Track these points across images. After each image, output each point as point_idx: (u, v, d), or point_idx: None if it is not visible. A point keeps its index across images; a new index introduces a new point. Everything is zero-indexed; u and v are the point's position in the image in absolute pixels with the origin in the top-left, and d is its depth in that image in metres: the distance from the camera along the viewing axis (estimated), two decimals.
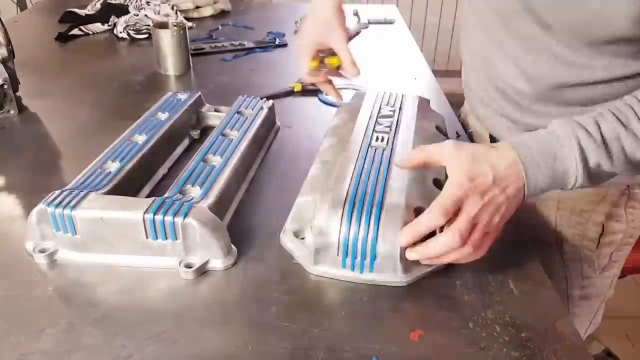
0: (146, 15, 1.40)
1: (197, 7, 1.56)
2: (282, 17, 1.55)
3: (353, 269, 0.58)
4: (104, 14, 1.46)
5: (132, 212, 0.58)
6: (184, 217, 0.57)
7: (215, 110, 0.90)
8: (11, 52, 0.95)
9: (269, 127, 0.88)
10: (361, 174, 0.63)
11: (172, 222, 0.57)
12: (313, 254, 0.58)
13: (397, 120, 0.76)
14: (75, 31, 1.40)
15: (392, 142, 0.70)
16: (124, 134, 0.75)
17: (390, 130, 0.73)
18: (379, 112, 0.78)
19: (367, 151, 0.68)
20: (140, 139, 0.74)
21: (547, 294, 0.58)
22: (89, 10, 1.50)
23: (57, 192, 0.61)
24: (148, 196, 0.71)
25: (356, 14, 1.57)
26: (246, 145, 0.75)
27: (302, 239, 0.63)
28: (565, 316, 0.55)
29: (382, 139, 0.70)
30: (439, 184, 0.63)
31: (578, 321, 0.87)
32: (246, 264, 0.61)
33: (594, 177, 0.56)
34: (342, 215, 0.57)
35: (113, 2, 1.50)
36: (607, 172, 0.57)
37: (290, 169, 0.79)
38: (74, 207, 0.58)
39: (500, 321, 0.54)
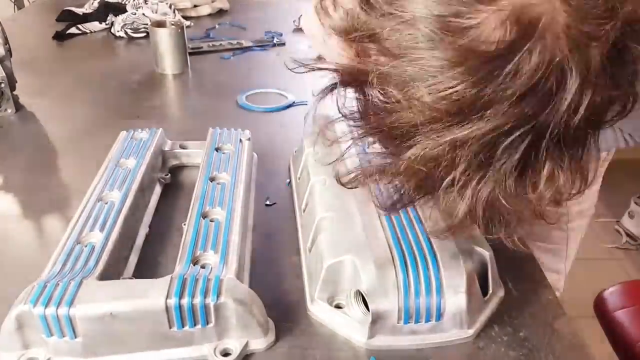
0: (144, 14, 1.40)
1: (195, 6, 1.56)
2: (280, 17, 1.55)
3: (413, 333, 0.50)
4: (101, 13, 1.45)
5: (151, 299, 0.46)
6: (217, 297, 0.47)
7: (181, 147, 0.79)
8: (8, 51, 0.95)
9: (251, 161, 0.76)
10: (389, 217, 0.55)
11: (203, 304, 0.47)
12: (367, 326, 0.49)
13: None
14: (73, 30, 1.39)
15: None
16: (92, 189, 0.63)
17: None
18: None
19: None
20: (114, 196, 0.62)
21: (545, 294, 0.58)
22: (87, 9, 1.49)
23: (37, 284, 0.47)
24: (138, 267, 0.60)
25: None
26: (243, 189, 0.65)
27: (337, 306, 0.53)
28: (564, 316, 0.55)
29: None
30: None
31: None
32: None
33: None
34: (396, 273, 0.49)
35: (110, 0, 1.49)
36: None
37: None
38: (70, 303, 0.46)
39: (499, 320, 0.54)
